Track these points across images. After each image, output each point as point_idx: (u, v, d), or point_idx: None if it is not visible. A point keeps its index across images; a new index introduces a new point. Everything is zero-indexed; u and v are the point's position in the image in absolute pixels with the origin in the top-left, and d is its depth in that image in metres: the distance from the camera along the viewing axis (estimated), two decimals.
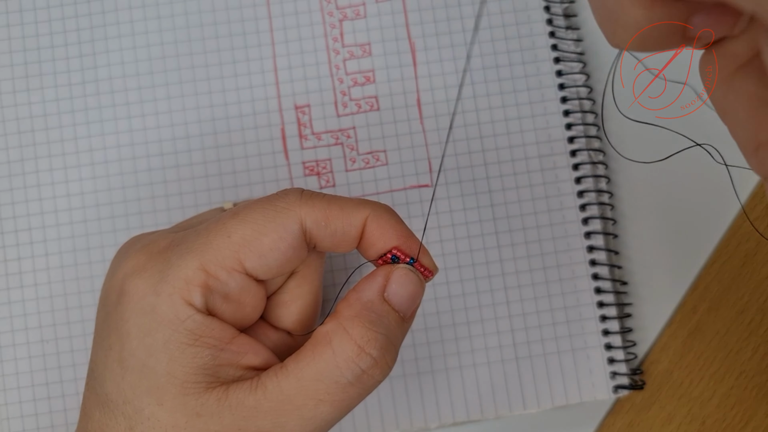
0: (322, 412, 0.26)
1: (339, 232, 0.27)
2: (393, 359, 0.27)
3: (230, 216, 0.27)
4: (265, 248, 0.27)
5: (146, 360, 0.26)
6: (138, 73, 0.38)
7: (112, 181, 0.37)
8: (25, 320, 0.36)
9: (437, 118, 0.38)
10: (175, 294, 0.26)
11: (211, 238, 0.27)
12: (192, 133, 0.37)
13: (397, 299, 0.27)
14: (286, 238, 0.27)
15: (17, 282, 0.36)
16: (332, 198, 0.28)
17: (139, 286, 0.27)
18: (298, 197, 0.28)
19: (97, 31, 0.38)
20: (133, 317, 0.26)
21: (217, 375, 0.26)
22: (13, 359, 0.36)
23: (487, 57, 0.38)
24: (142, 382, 0.26)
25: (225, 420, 0.25)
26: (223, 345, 0.26)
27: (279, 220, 0.27)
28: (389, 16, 0.38)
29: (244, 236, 0.27)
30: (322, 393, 0.26)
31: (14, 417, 0.36)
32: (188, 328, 0.26)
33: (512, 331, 0.36)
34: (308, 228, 0.27)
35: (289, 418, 0.26)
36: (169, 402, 0.25)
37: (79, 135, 0.37)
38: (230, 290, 0.27)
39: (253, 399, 0.26)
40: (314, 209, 0.27)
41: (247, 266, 0.27)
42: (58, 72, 0.38)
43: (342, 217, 0.27)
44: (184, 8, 0.38)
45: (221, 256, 0.26)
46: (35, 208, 0.37)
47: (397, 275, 0.27)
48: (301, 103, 0.38)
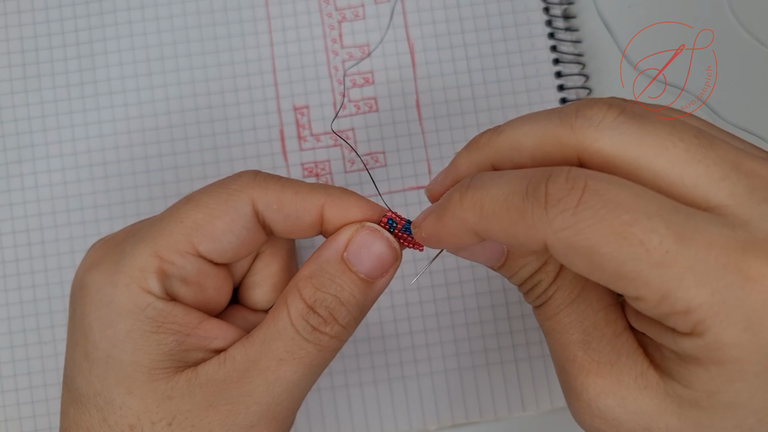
0: (285, 372, 0.26)
1: (293, 216, 0.27)
2: (346, 318, 0.26)
3: (183, 202, 0.27)
4: (217, 231, 0.26)
5: (110, 351, 0.26)
6: (136, 74, 0.38)
7: (111, 183, 0.37)
8: (23, 322, 0.36)
9: (436, 120, 0.38)
10: (132, 283, 0.26)
11: (164, 224, 0.27)
12: (190, 134, 0.37)
13: (357, 259, 0.26)
14: (239, 220, 0.27)
15: (15, 284, 0.36)
16: (287, 182, 0.27)
17: (96, 279, 0.27)
18: (252, 179, 0.27)
19: (95, 33, 0.38)
20: (93, 310, 0.26)
21: (185, 360, 0.26)
22: (11, 361, 0.36)
23: (486, 58, 0.38)
24: (109, 373, 0.26)
25: (196, 398, 0.26)
26: (189, 330, 0.26)
27: (231, 202, 0.27)
28: (388, 17, 0.38)
29: (196, 220, 0.26)
30: (281, 351, 0.26)
31: (12, 419, 0.36)
32: (149, 315, 0.26)
33: (511, 332, 0.36)
34: (261, 211, 0.27)
35: (254, 384, 0.26)
36: (138, 389, 0.26)
37: (77, 137, 0.37)
38: (187, 274, 0.27)
39: (223, 372, 0.26)
40: (267, 192, 0.27)
41: (201, 250, 0.27)
42: (56, 73, 0.38)
43: (296, 202, 0.27)
44: (182, 9, 0.38)
45: (174, 241, 0.26)
46: (33, 210, 0.37)
47: (359, 235, 0.27)
48: (300, 104, 0.38)
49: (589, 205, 0.19)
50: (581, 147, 0.21)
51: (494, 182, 0.22)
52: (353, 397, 0.36)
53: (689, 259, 0.19)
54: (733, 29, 0.38)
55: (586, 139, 0.21)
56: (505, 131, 0.23)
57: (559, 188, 0.20)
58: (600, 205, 0.19)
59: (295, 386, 0.26)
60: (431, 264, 0.36)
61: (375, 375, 0.36)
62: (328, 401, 0.36)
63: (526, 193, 0.20)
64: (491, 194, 0.21)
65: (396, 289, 0.36)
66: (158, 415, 0.25)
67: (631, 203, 0.19)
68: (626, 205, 0.19)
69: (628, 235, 0.19)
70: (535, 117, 0.22)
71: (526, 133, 0.22)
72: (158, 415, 0.25)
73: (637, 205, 0.19)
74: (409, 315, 0.36)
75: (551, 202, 0.20)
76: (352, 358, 0.36)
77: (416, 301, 0.36)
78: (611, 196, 0.19)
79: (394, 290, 0.36)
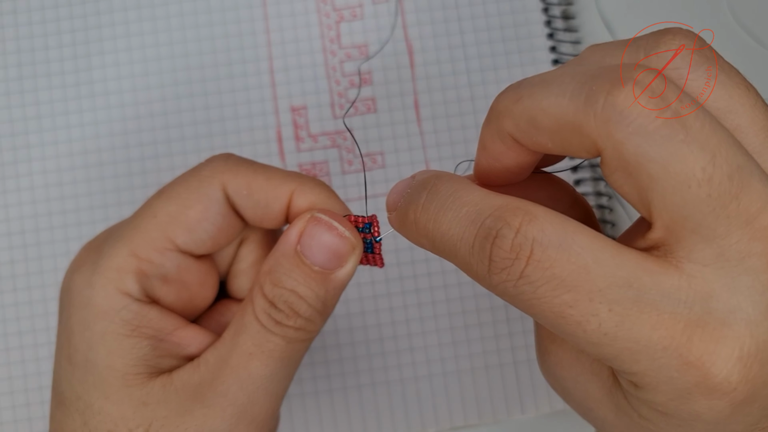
0: (255, 366, 0.25)
1: (262, 203, 0.26)
2: (307, 310, 0.26)
3: (156, 196, 0.27)
4: (192, 221, 0.26)
5: (88, 354, 0.26)
6: (133, 75, 0.38)
7: (107, 184, 0.37)
8: (18, 324, 0.36)
9: (435, 120, 0.37)
10: (109, 284, 0.25)
11: (138, 221, 0.26)
12: (187, 135, 0.37)
13: (309, 251, 0.25)
14: (212, 207, 0.26)
15: (10, 285, 0.36)
16: (260, 167, 0.27)
17: (76, 281, 0.26)
18: (224, 163, 0.27)
19: (91, 33, 0.38)
20: (74, 313, 0.26)
21: (159, 366, 0.26)
22: (5, 363, 0.36)
23: (485, 59, 0.38)
24: (88, 377, 0.26)
25: (171, 404, 0.25)
26: (164, 335, 0.26)
27: (202, 190, 0.26)
28: (386, 18, 0.38)
29: (170, 213, 0.26)
30: (249, 345, 0.25)
31: (7, 422, 0.35)
32: (124, 318, 0.25)
33: (510, 335, 0.36)
34: (231, 196, 0.26)
35: (228, 383, 0.25)
36: (114, 395, 0.25)
37: (73, 137, 0.37)
38: (167, 271, 0.26)
39: (198, 376, 0.26)
40: (237, 176, 0.26)
41: (179, 243, 0.26)
42: (52, 74, 0.38)
43: (267, 188, 0.26)
44: (179, 9, 0.38)
45: (150, 238, 0.26)
46: (29, 211, 0.37)
47: (309, 228, 0.26)
48: (297, 104, 0.38)
49: (531, 280, 0.19)
50: (602, 143, 0.19)
51: (446, 214, 0.21)
52: (351, 401, 0.36)
53: (629, 342, 0.18)
54: (732, 30, 0.38)
55: (609, 138, 0.19)
56: (523, 98, 0.20)
57: (503, 255, 0.19)
58: (542, 282, 0.18)
59: (268, 381, 0.26)
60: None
61: (373, 378, 0.36)
62: (326, 405, 0.36)
63: (472, 247, 0.20)
64: (440, 230, 0.21)
65: (394, 291, 0.36)
66: (134, 421, 0.25)
67: (575, 280, 0.18)
68: (569, 284, 0.18)
69: (566, 316, 0.19)
70: (557, 87, 0.19)
71: (545, 111, 0.20)
72: (134, 422, 0.25)
73: (582, 284, 0.18)
74: (407, 317, 0.36)
75: (494, 269, 0.19)
76: (349, 360, 0.36)
77: (414, 304, 0.36)
78: (555, 271, 0.18)
79: (392, 292, 0.36)
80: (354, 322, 0.36)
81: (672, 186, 0.18)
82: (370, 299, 0.36)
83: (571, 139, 0.19)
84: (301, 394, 0.36)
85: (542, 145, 0.20)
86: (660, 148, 0.18)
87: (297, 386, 0.36)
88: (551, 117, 0.19)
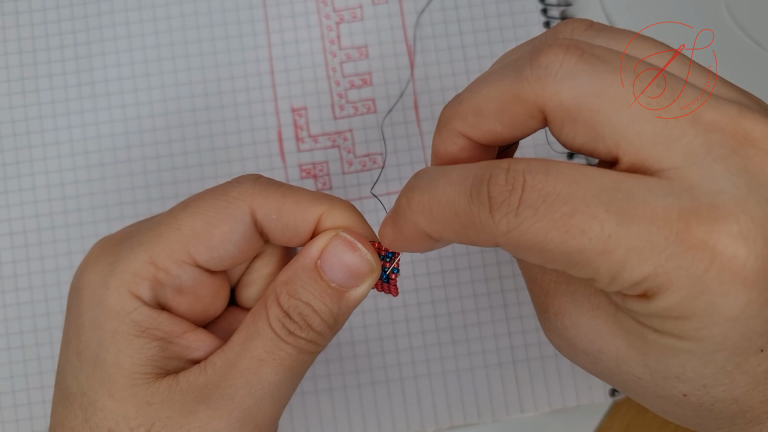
0: (265, 373, 0.26)
1: (291, 226, 0.27)
2: (320, 325, 0.26)
3: (181, 208, 0.27)
4: (215, 240, 0.26)
5: (98, 351, 0.26)
6: (134, 75, 0.38)
7: (108, 184, 0.37)
8: (20, 323, 0.36)
9: (434, 121, 0.37)
10: (122, 286, 0.26)
11: (162, 230, 0.26)
12: (188, 135, 0.37)
13: (329, 268, 0.26)
14: (237, 229, 0.26)
15: (12, 285, 0.36)
16: (288, 189, 0.27)
17: (91, 280, 0.26)
18: (252, 185, 0.27)
19: (93, 34, 0.38)
20: (86, 310, 0.26)
21: (166, 367, 0.26)
22: (7, 363, 0.36)
23: (484, 60, 0.38)
24: (96, 374, 0.26)
25: (176, 405, 0.25)
26: (173, 338, 0.26)
27: (230, 211, 0.26)
28: (386, 19, 0.38)
29: (194, 228, 0.26)
30: (261, 352, 0.26)
31: (9, 421, 0.36)
32: (134, 319, 0.26)
33: (509, 334, 0.36)
34: (259, 220, 0.27)
35: (236, 387, 0.25)
36: (119, 393, 0.25)
37: (74, 138, 0.37)
38: (183, 283, 0.26)
39: (204, 378, 0.26)
40: (267, 200, 0.26)
41: (198, 259, 0.26)
42: (54, 75, 0.38)
43: (296, 212, 0.27)
44: (180, 10, 0.38)
45: (171, 249, 0.26)
46: (30, 211, 0.37)
47: (332, 244, 0.26)
48: (298, 105, 0.38)
49: (529, 204, 0.20)
50: (542, 102, 0.21)
51: (438, 183, 0.22)
52: (351, 400, 0.36)
53: (631, 238, 0.19)
54: (730, 30, 0.38)
55: (545, 93, 0.21)
56: (465, 99, 0.23)
57: (500, 190, 0.20)
58: (540, 202, 0.20)
59: (276, 389, 0.26)
60: None
61: (373, 377, 0.36)
62: (325, 403, 0.36)
63: (470, 197, 0.21)
64: (437, 198, 0.22)
65: None
66: (137, 420, 0.25)
67: (569, 192, 0.19)
68: (564, 196, 0.19)
69: (569, 227, 0.19)
70: (492, 76, 0.22)
71: (486, 97, 0.22)
72: (137, 421, 0.25)
73: (575, 193, 0.19)
74: (407, 317, 0.36)
75: (495, 206, 0.20)
76: (349, 360, 0.36)
77: (414, 303, 0.36)
78: (549, 189, 0.20)
79: None
80: (353, 321, 0.36)
81: (615, 111, 0.20)
82: (370, 298, 0.36)
83: (516, 111, 0.21)
84: (300, 392, 0.36)
85: (493, 131, 0.22)
86: (589, 81, 0.20)
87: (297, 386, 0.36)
88: (493, 99, 0.22)
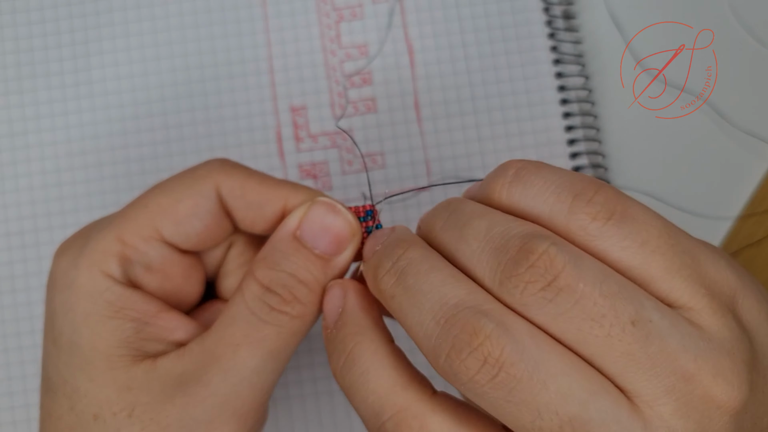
0: (242, 358, 0.25)
1: (255, 205, 0.26)
2: (307, 296, 0.25)
3: (151, 188, 0.27)
4: (180, 215, 0.26)
5: (72, 336, 0.25)
6: (132, 75, 0.37)
7: (106, 184, 0.37)
8: (17, 325, 0.36)
9: (435, 120, 0.37)
10: (94, 266, 0.26)
11: (129, 209, 0.27)
12: (187, 135, 0.37)
13: (309, 236, 0.26)
14: (202, 204, 0.26)
15: (9, 286, 0.36)
16: (254, 172, 0.27)
17: (62, 263, 0.26)
18: (219, 165, 0.27)
19: (90, 33, 0.38)
20: (57, 294, 0.26)
21: (144, 349, 0.26)
22: (5, 364, 0.36)
23: (486, 58, 0.38)
24: (73, 360, 0.25)
25: (154, 391, 0.25)
26: (148, 318, 0.26)
27: (195, 187, 0.26)
28: (386, 17, 0.38)
29: (160, 204, 0.26)
30: (237, 336, 0.25)
31: (6, 423, 0.35)
32: (107, 299, 0.25)
33: None
34: (224, 196, 0.27)
35: (211, 373, 0.25)
36: (99, 377, 0.25)
37: (72, 138, 0.37)
38: (151, 260, 0.26)
39: (181, 366, 0.25)
40: (231, 177, 0.27)
41: (165, 234, 0.26)
42: (51, 74, 0.37)
43: (260, 191, 0.26)
44: (179, 9, 0.38)
45: (137, 225, 0.26)
46: (27, 212, 0.36)
47: (311, 211, 0.26)
48: (297, 104, 0.37)
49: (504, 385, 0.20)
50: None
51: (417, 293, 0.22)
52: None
53: None
54: (734, 29, 0.38)
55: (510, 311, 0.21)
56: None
57: (468, 366, 0.20)
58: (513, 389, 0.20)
59: (254, 374, 0.25)
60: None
61: None
62: (326, 406, 0.36)
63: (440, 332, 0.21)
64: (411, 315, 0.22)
65: None
66: (118, 405, 0.25)
67: None
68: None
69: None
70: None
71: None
72: (118, 406, 0.25)
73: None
74: None
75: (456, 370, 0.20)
76: None
77: None
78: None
79: None
80: None
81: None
82: None
83: None
84: (300, 395, 0.36)
85: None
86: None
87: (297, 388, 0.36)
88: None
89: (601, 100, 0.38)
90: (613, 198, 0.21)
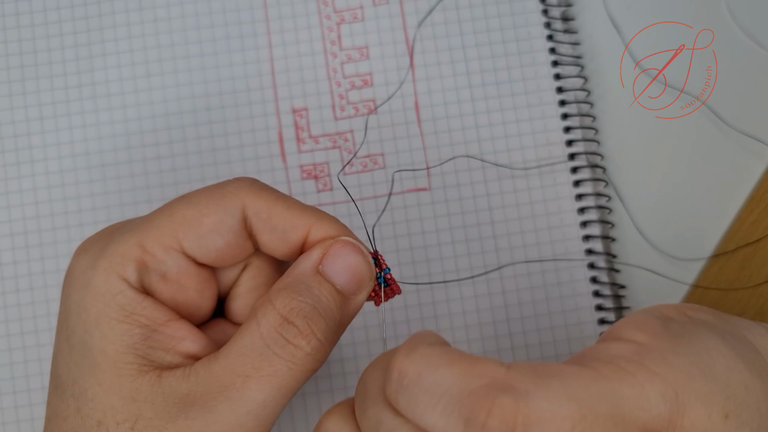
0: (250, 390, 0.25)
1: (279, 229, 0.26)
2: (324, 333, 0.25)
3: (178, 198, 0.27)
4: (204, 229, 0.26)
5: (83, 336, 0.25)
6: (135, 76, 0.38)
7: (109, 185, 0.37)
8: (21, 324, 0.36)
9: (435, 122, 0.37)
10: (111, 269, 0.26)
11: (154, 217, 0.27)
12: (189, 136, 0.37)
13: (333, 271, 0.26)
14: (227, 221, 0.26)
15: (13, 286, 0.36)
16: (282, 195, 0.27)
17: (81, 262, 0.27)
18: (248, 185, 0.27)
19: (93, 35, 0.38)
20: (73, 293, 0.26)
21: (150, 357, 0.26)
22: (8, 364, 0.36)
23: (485, 60, 0.38)
24: (84, 361, 0.25)
25: (158, 407, 0.25)
26: (157, 326, 0.26)
27: (222, 202, 0.26)
28: (387, 19, 0.38)
29: (185, 215, 0.26)
30: (248, 368, 0.25)
31: (10, 422, 0.35)
32: (119, 302, 0.25)
33: (510, 335, 0.36)
34: (249, 217, 0.27)
35: (217, 400, 0.25)
36: (107, 382, 0.25)
37: (75, 139, 0.37)
38: (167, 269, 0.26)
39: (186, 386, 0.25)
40: (259, 199, 0.27)
41: (185, 246, 0.26)
42: (54, 75, 0.38)
43: (286, 216, 0.26)
44: (181, 12, 0.38)
45: (160, 233, 0.26)
46: (31, 212, 0.37)
47: (334, 247, 0.26)
48: (299, 106, 0.38)
49: None
50: None
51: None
52: None
53: None
54: (731, 30, 0.38)
55: None
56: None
57: None
58: None
59: (261, 407, 0.25)
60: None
61: None
62: (327, 404, 0.36)
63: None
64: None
65: None
66: (122, 415, 0.25)
67: None
68: None
69: None
70: None
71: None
72: (122, 416, 0.25)
73: None
74: (407, 317, 0.36)
75: None
76: (350, 360, 0.36)
77: (415, 304, 0.36)
78: None
79: None
80: (355, 321, 0.36)
81: None
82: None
83: None
84: (302, 393, 0.36)
85: None
86: None
87: None
88: None
89: (600, 101, 0.38)
90: (510, 409, 0.19)
